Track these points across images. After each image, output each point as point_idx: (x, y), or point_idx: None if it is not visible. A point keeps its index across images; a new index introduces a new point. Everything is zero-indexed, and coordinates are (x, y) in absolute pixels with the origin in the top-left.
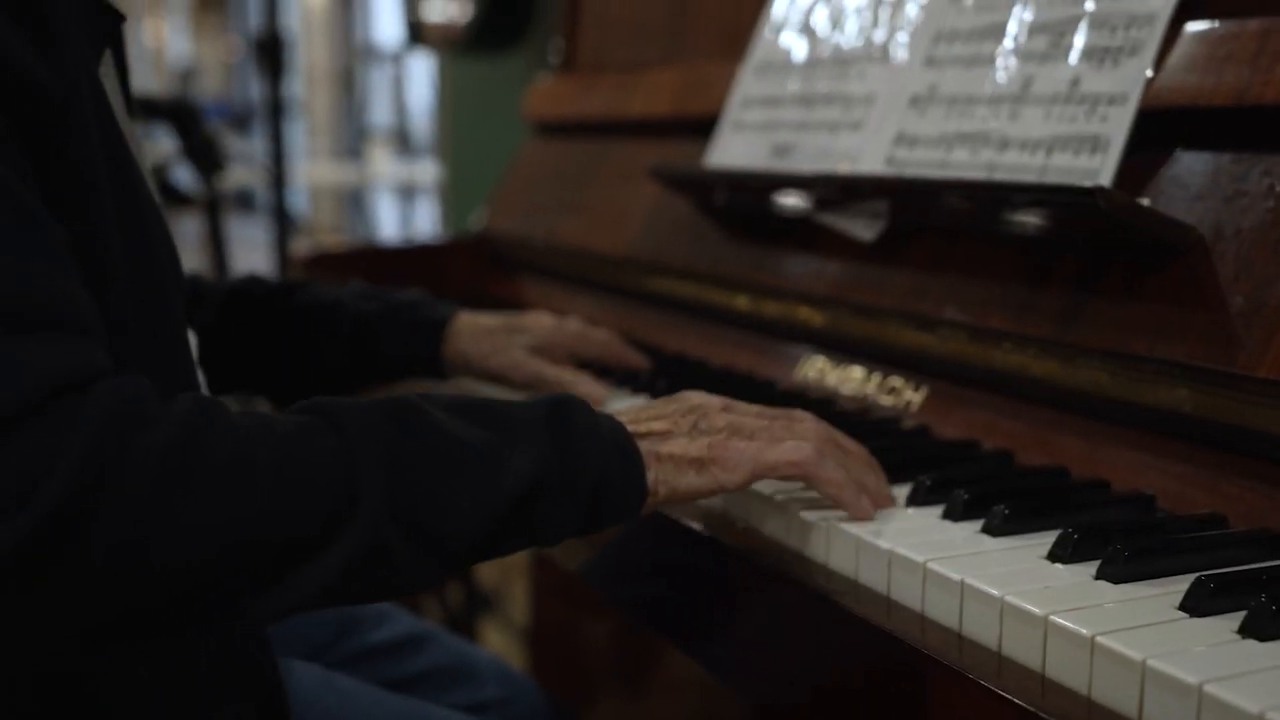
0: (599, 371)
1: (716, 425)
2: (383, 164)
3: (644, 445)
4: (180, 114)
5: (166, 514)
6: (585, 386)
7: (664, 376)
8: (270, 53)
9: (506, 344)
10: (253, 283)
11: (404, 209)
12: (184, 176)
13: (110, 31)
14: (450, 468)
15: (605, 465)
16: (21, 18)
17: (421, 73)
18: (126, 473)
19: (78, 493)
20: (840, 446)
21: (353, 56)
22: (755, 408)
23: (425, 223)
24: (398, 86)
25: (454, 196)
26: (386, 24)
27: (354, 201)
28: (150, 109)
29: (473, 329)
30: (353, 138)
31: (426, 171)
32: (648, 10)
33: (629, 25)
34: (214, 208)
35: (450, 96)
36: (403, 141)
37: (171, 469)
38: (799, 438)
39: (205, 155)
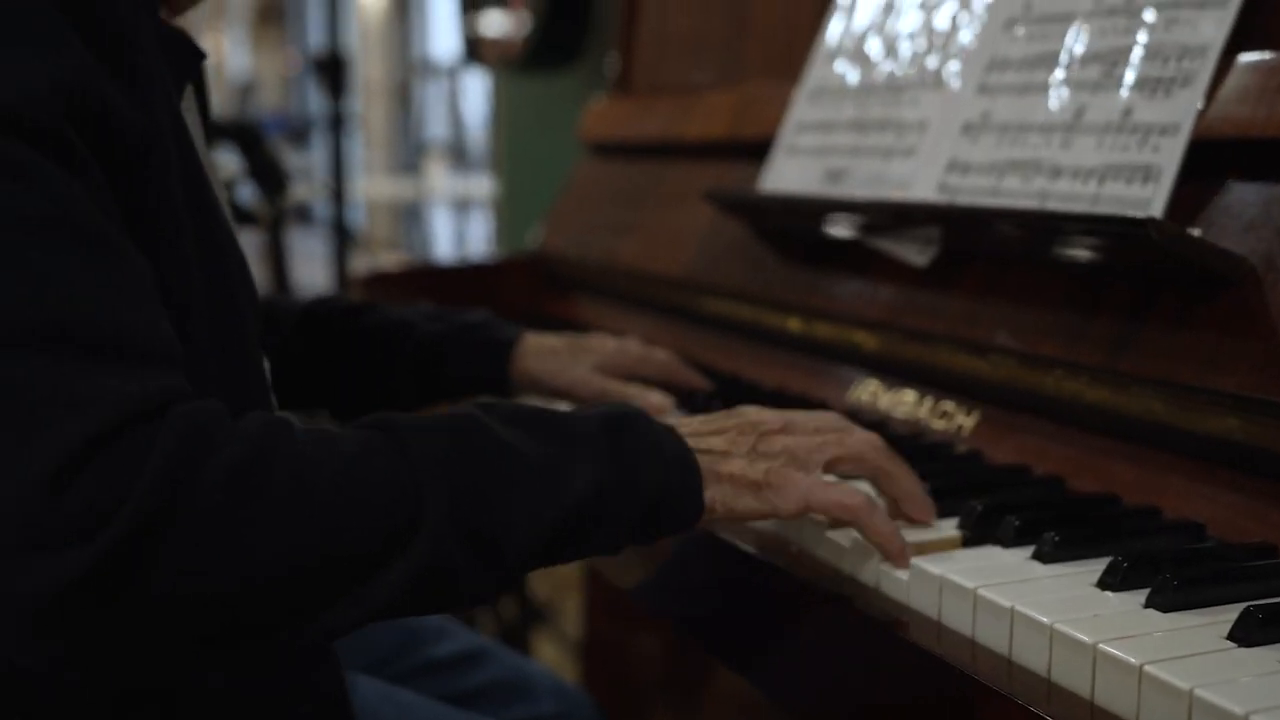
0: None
1: (774, 449)
2: (438, 179)
3: (703, 461)
4: (244, 135)
5: (235, 534)
6: (650, 397)
7: (719, 398)
8: (331, 72)
9: (571, 363)
10: (324, 304)
11: (459, 222)
12: (246, 193)
13: (192, 68)
14: (510, 481)
15: (664, 478)
16: (109, 57)
17: (478, 87)
18: (197, 495)
19: (152, 514)
20: (891, 458)
21: (409, 71)
22: (812, 424)
23: (480, 237)
24: (454, 101)
25: (509, 211)
26: (443, 38)
27: (410, 215)
28: (215, 130)
29: (538, 349)
30: (409, 152)
31: (482, 186)
32: (703, 32)
33: (684, 47)
34: (276, 226)
35: (505, 112)
36: (458, 156)
37: (240, 490)
38: (851, 450)
39: (269, 175)
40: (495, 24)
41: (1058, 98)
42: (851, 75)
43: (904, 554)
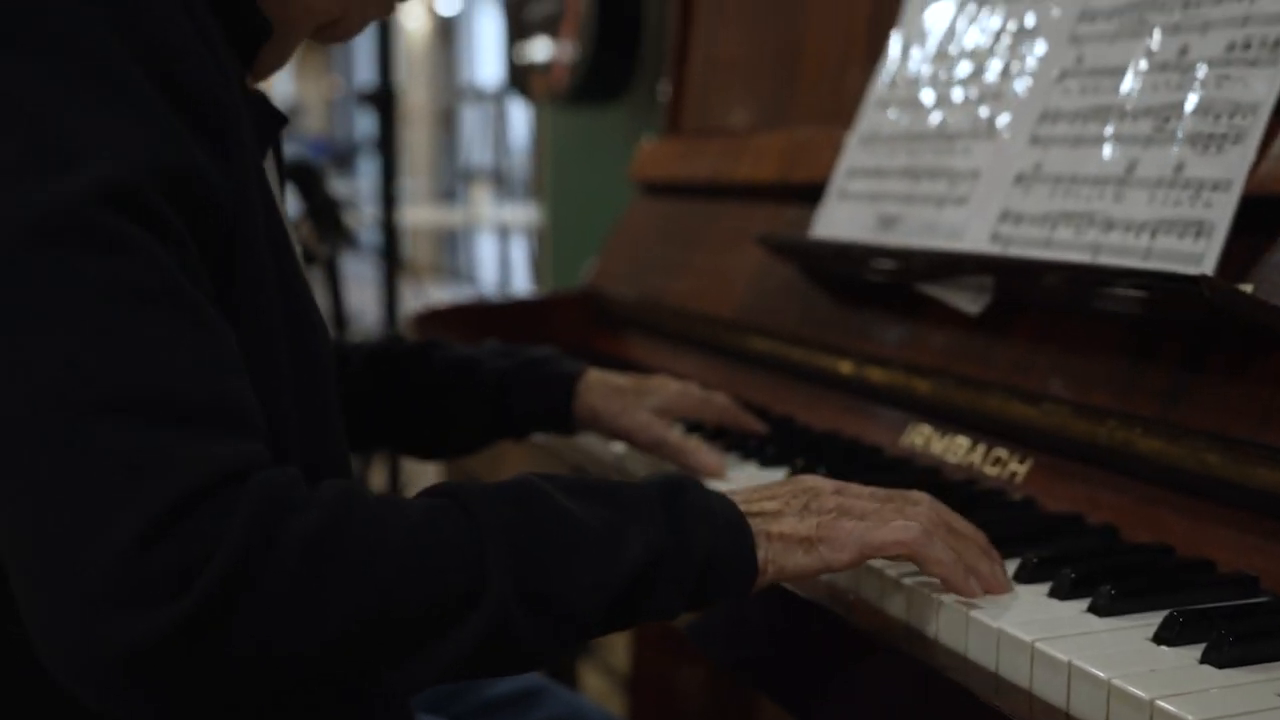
0: (714, 433)
1: (826, 506)
2: (482, 205)
3: (755, 524)
4: (303, 176)
5: (310, 598)
6: (705, 456)
7: (773, 442)
8: (382, 106)
9: (634, 405)
10: (391, 344)
11: (502, 247)
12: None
13: (274, 131)
14: (572, 548)
15: (717, 543)
16: (203, 129)
17: (522, 114)
18: (274, 560)
19: (232, 577)
20: (953, 529)
21: (453, 96)
22: (868, 490)
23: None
24: (498, 127)
25: (553, 239)
26: (488, 64)
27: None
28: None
29: (602, 386)
30: (452, 178)
31: (526, 213)
32: (754, 74)
33: (734, 88)
34: (333, 263)
35: (550, 142)
36: (502, 182)
37: (314, 556)
38: (911, 520)
39: (327, 216)
40: (542, 52)
41: (1110, 151)
42: (903, 122)
43: (967, 585)
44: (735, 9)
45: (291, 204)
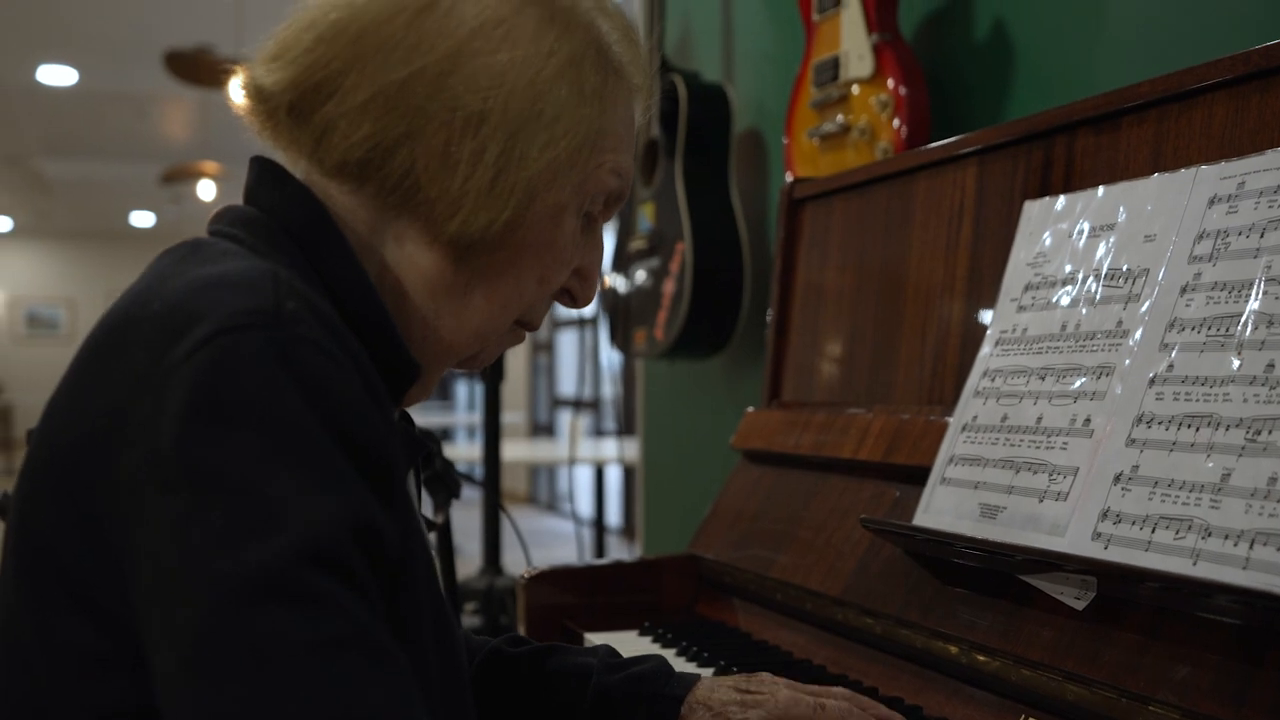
0: None
1: None
2: (575, 442)
3: None
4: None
5: None
6: None
7: None
8: (492, 381)
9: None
10: (510, 644)
11: (595, 477)
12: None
13: (416, 456)
14: None
15: None
16: (379, 486)
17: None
18: None
19: None
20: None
21: (549, 324)
22: None
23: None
24: (593, 355)
25: (647, 476)
26: None
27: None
28: None
29: (707, 700)
30: (545, 409)
31: (622, 448)
32: (852, 355)
33: (833, 366)
34: (447, 531)
35: (646, 386)
36: (594, 409)
37: None
38: None
39: (443, 485)
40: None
41: (1205, 458)
42: (999, 414)
43: None
44: (834, 293)
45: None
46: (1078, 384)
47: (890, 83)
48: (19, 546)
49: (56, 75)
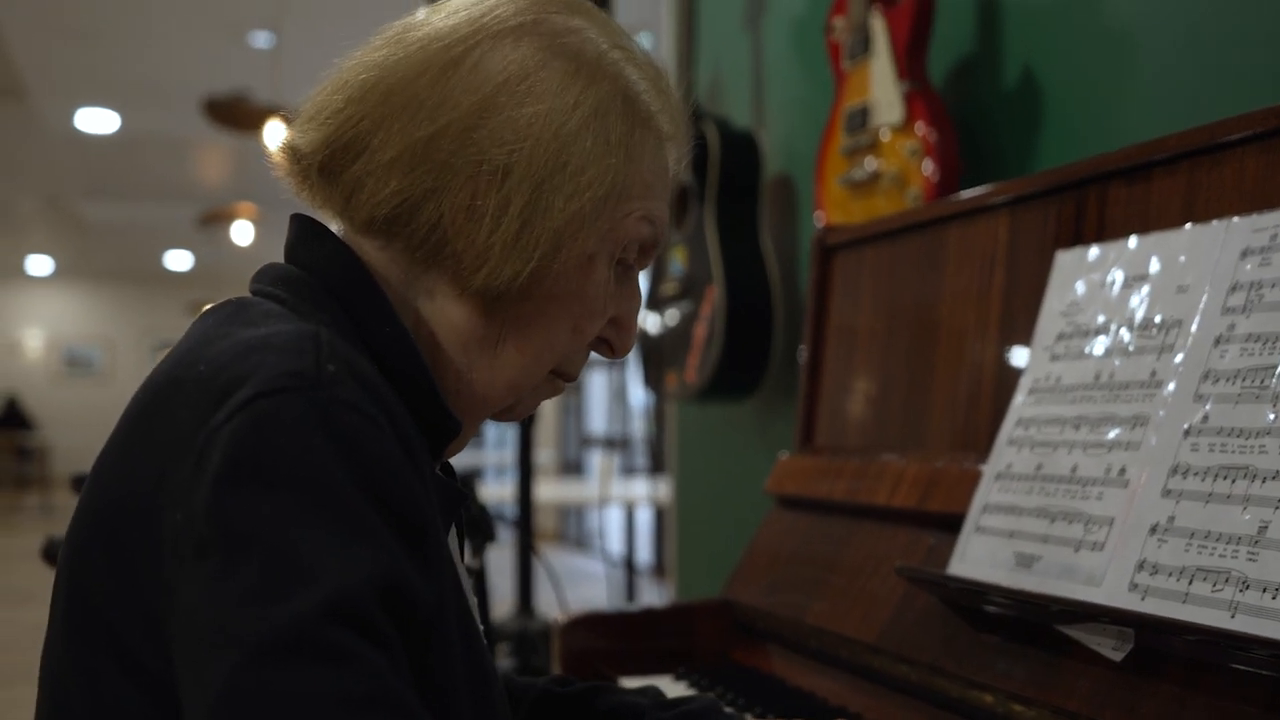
0: None
1: None
2: (605, 482)
3: None
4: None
5: None
6: None
7: None
8: (523, 422)
9: None
10: (559, 685)
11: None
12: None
13: (456, 509)
14: None
15: None
16: (411, 544)
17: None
18: None
19: None
20: None
21: None
22: None
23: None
24: (622, 395)
25: (679, 515)
26: None
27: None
28: None
29: None
30: (574, 447)
31: (652, 487)
32: (885, 401)
33: (866, 413)
34: (483, 575)
35: (678, 427)
36: (623, 448)
37: None
38: None
39: (479, 529)
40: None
41: (1241, 510)
42: (1034, 463)
43: None
44: (866, 338)
45: None
46: (1112, 434)
47: (920, 129)
48: (70, 605)
49: (98, 119)
